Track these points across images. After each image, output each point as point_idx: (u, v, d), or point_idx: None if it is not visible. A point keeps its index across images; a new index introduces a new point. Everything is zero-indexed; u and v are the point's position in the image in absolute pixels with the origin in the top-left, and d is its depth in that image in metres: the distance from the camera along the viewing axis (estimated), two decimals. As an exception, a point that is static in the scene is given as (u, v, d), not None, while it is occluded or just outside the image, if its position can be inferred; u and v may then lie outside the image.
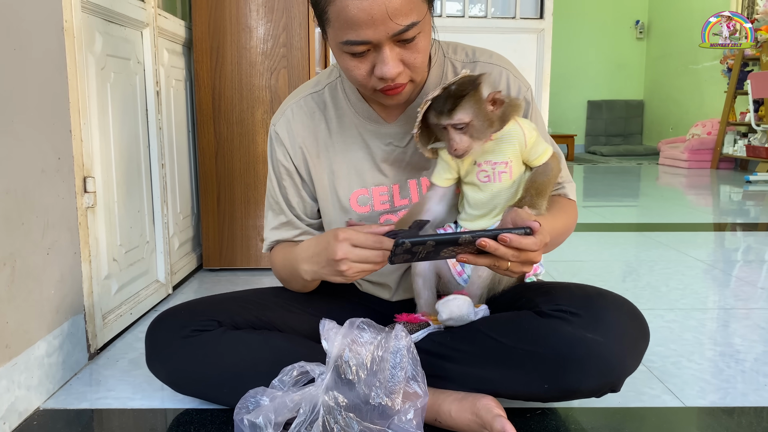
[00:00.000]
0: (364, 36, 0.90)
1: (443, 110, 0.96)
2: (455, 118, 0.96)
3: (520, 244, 0.86)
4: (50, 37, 1.22)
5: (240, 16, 2.01)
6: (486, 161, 1.03)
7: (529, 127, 1.04)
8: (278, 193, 1.18)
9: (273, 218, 1.20)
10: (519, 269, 0.90)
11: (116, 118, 1.53)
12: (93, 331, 1.37)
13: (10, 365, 1.08)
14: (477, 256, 0.90)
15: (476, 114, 0.96)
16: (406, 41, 0.93)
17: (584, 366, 0.95)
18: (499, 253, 0.87)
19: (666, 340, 1.50)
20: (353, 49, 0.93)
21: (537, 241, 0.87)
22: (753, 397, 1.20)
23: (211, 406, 1.15)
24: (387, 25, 0.89)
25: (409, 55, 0.95)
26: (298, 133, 1.14)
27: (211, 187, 2.09)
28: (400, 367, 0.95)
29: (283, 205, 1.18)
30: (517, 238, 0.86)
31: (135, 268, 1.65)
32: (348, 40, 0.92)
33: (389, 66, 0.93)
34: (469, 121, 0.96)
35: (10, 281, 1.08)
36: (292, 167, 1.16)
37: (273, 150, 1.17)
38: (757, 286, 1.98)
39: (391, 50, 0.93)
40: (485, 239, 0.86)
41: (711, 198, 4.40)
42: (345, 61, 0.97)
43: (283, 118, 1.15)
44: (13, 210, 1.09)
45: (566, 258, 2.35)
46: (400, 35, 0.91)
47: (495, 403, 0.99)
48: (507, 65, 1.13)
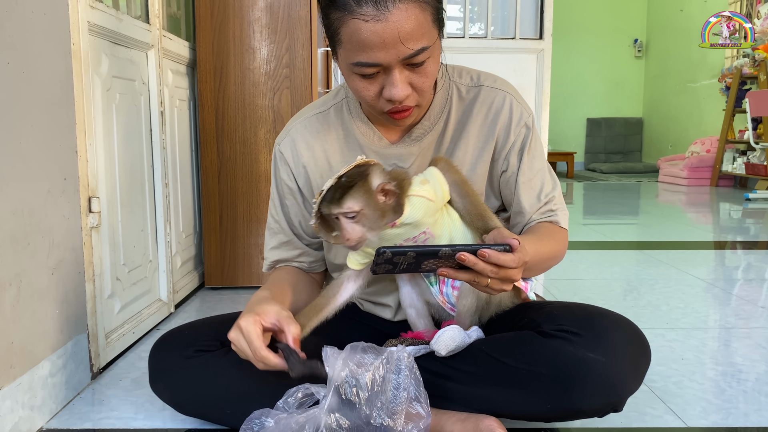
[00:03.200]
0: (375, 58, 0.92)
1: (333, 199, 0.95)
2: (344, 206, 0.94)
3: (498, 260, 0.87)
4: (58, 59, 1.24)
5: (243, 38, 2.04)
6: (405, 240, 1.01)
7: (429, 188, 1.01)
8: (280, 212, 1.20)
9: (273, 238, 1.22)
10: (498, 286, 0.91)
11: (121, 138, 1.55)
12: (96, 350, 1.38)
13: (15, 385, 1.08)
14: (457, 271, 0.91)
15: (366, 203, 0.94)
16: (416, 65, 0.95)
17: (586, 386, 0.95)
18: (478, 267, 0.88)
19: (667, 360, 1.50)
20: (363, 70, 0.95)
21: (515, 258, 0.89)
22: (755, 417, 1.20)
23: (213, 426, 1.15)
24: (398, 48, 0.91)
25: (417, 79, 0.97)
26: (302, 153, 1.16)
27: (213, 205, 2.10)
28: (402, 387, 0.95)
29: (284, 224, 1.20)
30: (496, 254, 0.87)
31: (137, 287, 1.66)
32: (359, 62, 0.93)
33: (398, 89, 0.95)
34: (359, 209, 0.94)
35: (15, 301, 1.09)
36: (295, 186, 1.17)
37: (276, 169, 1.19)
38: (757, 305, 1.98)
39: (400, 73, 0.95)
40: (464, 253, 0.88)
41: (711, 216, 4.41)
42: (354, 82, 0.98)
43: (287, 137, 1.17)
44: (19, 230, 1.10)
45: (567, 276, 2.36)
46: (411, 59, 0.93)
47: (497, 423, 1.00)
48: (511, 90, 1.14)
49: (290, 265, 1.23)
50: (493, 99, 1.12)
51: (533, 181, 1.13)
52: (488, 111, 1.12)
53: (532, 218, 1.14)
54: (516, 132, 1.12)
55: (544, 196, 1.13)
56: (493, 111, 1.12)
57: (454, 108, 1.13)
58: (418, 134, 1.12)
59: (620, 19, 8.88)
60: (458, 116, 1.13)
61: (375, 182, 0.95)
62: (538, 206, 1.13)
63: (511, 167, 1.13)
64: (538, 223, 1.14)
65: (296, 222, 1.19)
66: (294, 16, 2.04)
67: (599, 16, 8.83)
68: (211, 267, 2.13)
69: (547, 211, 1.14)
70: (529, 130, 1.13)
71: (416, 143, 1.12)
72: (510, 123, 1.12)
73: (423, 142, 1.12)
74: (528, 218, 1.14)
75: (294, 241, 1.20)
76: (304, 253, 1.21)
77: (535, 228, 1.13)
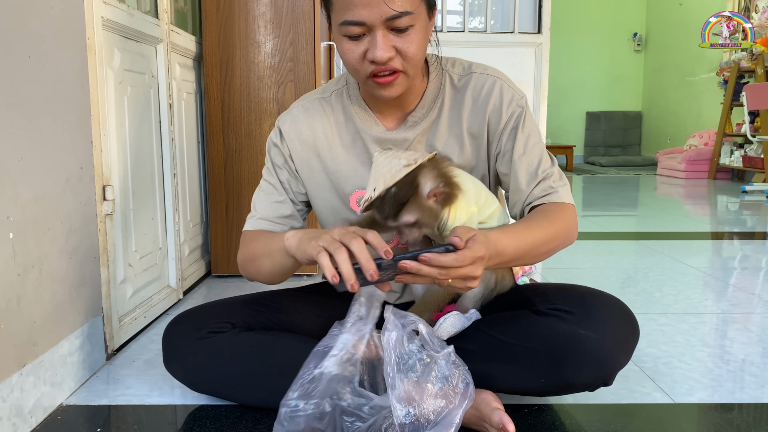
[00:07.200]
0: (359, 16, 0.98)
1: (388, 215, 0.98)
2: (401, 221, 0.99)
3: (439, 262, 0.88)
4: (74, 53, 1.29)
5: (249, 32, 2.09)
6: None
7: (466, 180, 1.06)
8: (275, 178, 1.23)
9: (267, 196, 1.23)
10: (461, 284, 0.93)
11: (132, 129, 1.60)
12: (110, 332, 1.44)
13: (37, 362, 1.14)
14: (414, 276, 0.91)
15: (420, 213, 0.99)
16: (400, 30, 1.01)
17: (578, 360, 1.01)
18: (423, 272, 0.89)
19: (658, 342, 1.56)
20: (350, 30, 1.01)
21: (459, 258, 0.88)
22: (739, 395, 1.26)
23: (224, 403, 1.21)
24: (381, 7, 0.97)
25: (401, 43, 1.02)
26: (302, 131, 1.20)
27: (219, 196, 2.16)
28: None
29: (278, 186, 1.23)
30: (436, 257, 0.88)
31: (148, 274, 1.71)
32: (345, 20, 1.00)
33: (379, 49, 1.00)
34: (416, 220, 0.99)
35: (37, 283, 1.15)
36: (288, 155, 1.21)
37: (273, 141, 1.22)
38: (748, 292, 2.04)
39: (384, 36, 1.00)
40: (406, 261, 0.89)
41: (708, 208, 4.47)
42: (342, 45, 1.04)
43: (289, 115, 1.22)
44: (40, 216, 1.16)
45: (563, 265, 2.42)
46: (393, 21, 0.99)
47: (493, 397, 1.06)
48: (501, 76, 1.18)
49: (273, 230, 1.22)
50: (483, 84, 1.16)
51: (529, 157, 1.14)
52: (478, 96, 1.16)
53: (533, 195, 1.13)
54: (508, 113, 1.15)
55: (541, 172, 1.14)
56: (483, 95, 1.16)
57: (447, 96, 1.17)
58: (413, 121, 1.17)
59: (620, 14, 8.91)
60: (451, 103, 1.17)
61: (425, 190, 0.99)
62: (536, 182, 1.13)
63: (506, 147, 1.15)
64: (536, 208, 1.13)
65: (287, 186, 1.22)
66: (298, 11, 2.09)
67: (599, 10, 8.86)
68: (217, 255, 2.19)
69: (546, 188, 1.13)
70: (522, 110, 1.15)
71: (411, 130, 1.17)
72: (501, 105, 1.15)
73: (418, 129, 1.17)
74: (526, 196, 1.14)
75: (287, 201, 1.23)
76: (292, 217, 1.23)
77: (529, 214, 1.13)
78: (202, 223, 2.24)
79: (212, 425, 1.14)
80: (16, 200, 1.08)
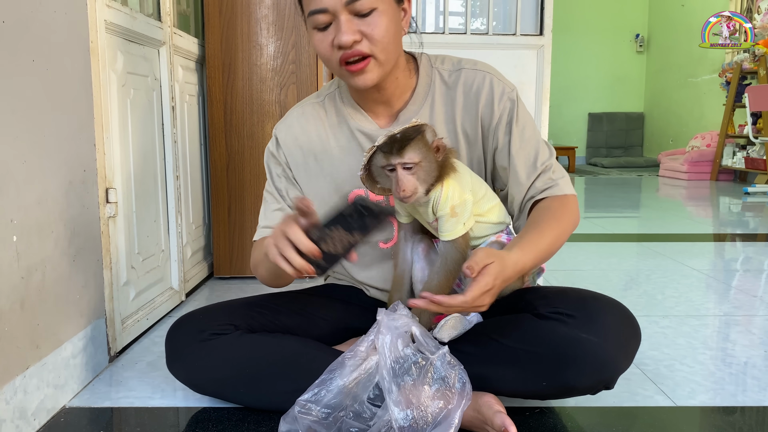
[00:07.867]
0: (322, 3, 1.02)
1: (392, 150, 1.00)
2: (406, 157, 1.00)
3: (449, 304, 0.92)
4: (78, 57, 1.30)
5: (251, 34, 2.10)
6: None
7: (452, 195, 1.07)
8: (273, 187, 1.27)
9: (270, 205, 1.27)
10: (475, 310, 0.97)
11: (135, 132, 1.61)
12: (113, 334, 1.44)
13: (40, 365, 1.15)
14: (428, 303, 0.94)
15: (424, 156, 1.01)
16: (363, 15, 1.03)
17: (580, 364, 1.01)
18: (433, 309, 0.95)
19: (660, 345, 1.56)
20: (316, 20, 1.04)
21: (468, 299, 0.91)
22: (741, 398, 1.26)
23: (227, 405, 1.22)
24: None
25: (365, 27, 1.04)
26: (298, 136, 1.23)
27: (222, 198, 2.16)
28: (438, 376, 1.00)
29: (276, 195, 1.27)
30: (447, 300, 0.92)
31: (151, 276, 1.72)
32: (311, 11, 1.04)
33: (343, 32, 1.03)
34: (419, 161, 1.01)
35: (41, 285, 1.15)
36: (285, 162, 1.25)
37: (270, 151, 1.26)
38: (750, 295, 2.04)
39: (347, 20, 1.03)
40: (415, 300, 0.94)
41: (710, 209, 4.46)
42: (313, 37, 1.08)
43: (284, 123, 1.26)
44: (44, 219, 1.16)
45: (565, 267, 2.42)
46: (354, 5, 1.02)
47: (495, 400, 1.06)
48: (491, 70, 1.19)
49: None
50: (473, 79, 1.17)
51: (526, 150, 1.14)
52: (469, 91, 1.17)
53: (534, 188, 1.13)
54: (500, 107, 1.15)
55: (540, 164, 1.13)
56: (474, 90, 1.16)
57: (438, 92, 1.18)
58: (405, 118, 1.18)
59: (622, 15, 8.91)
60: (443, 100, 1.18)
61: (430, 138, 1.03)
62: (536, 174, 1.13)
63: (502, 141, 1.15)
64: (539, 204, 1.12)
65: (284, 194, 1.26)
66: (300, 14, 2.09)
67: (601, 11, 8.86)
68: (219, 257, 2.19)
69: (547, 180, 1.13)
70: (513, 103, 1.15)
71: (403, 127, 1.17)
72: (492, 99, 1.15)
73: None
74: (527, 189, 1.13)
75: (285, 209, 1.26)
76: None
77: (536, 215, 1.11)
78: (205, 225, 2.25)
79: (215, 427, 1.14)
80: (20, 203, 1.09)
